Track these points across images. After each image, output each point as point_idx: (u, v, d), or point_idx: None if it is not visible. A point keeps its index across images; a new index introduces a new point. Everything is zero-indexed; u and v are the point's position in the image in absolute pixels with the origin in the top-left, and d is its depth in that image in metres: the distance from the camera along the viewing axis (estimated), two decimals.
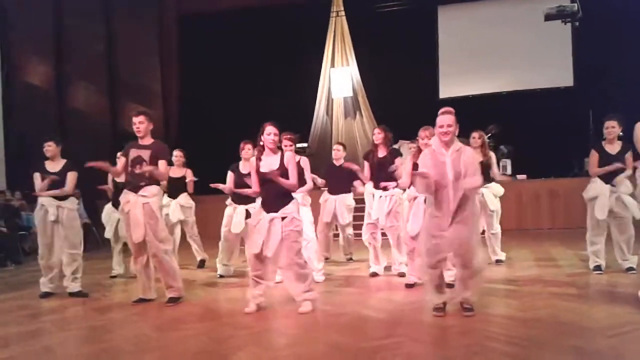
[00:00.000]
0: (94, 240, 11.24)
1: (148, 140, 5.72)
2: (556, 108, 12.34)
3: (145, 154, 5.61)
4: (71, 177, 6.44)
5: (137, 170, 5.54)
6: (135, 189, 5.59)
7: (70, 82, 15.10)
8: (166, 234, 5.74)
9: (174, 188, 7.70)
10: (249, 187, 6.49)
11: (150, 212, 5.56)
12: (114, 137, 14.49)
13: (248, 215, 6.75)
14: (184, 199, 7.93)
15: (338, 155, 7.46)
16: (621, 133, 6.22)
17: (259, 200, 6.77)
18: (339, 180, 7.24)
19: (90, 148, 12.55)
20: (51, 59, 14.94)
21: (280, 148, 5.24)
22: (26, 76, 14.98)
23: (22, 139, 14.12)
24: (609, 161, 6.14)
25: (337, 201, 7.27)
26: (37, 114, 14.25)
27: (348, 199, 7.39)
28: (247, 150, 6.83)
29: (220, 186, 6.68)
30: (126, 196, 5.64)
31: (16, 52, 14.85)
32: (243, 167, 6.80)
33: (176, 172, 7.71)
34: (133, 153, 5.65)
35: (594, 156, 6.27)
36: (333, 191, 7.32)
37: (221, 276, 7.16)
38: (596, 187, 6.24)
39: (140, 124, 5.67)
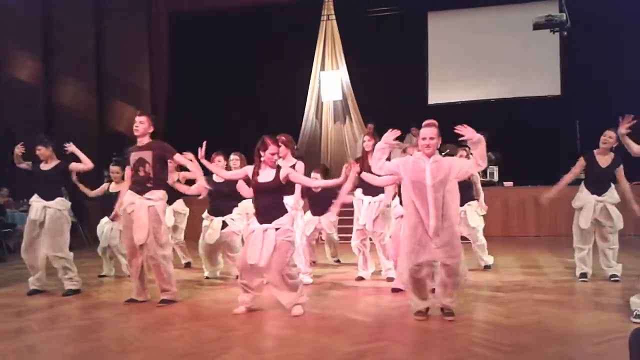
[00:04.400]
0: (80, 239, 11.16)
1: (146, 141, 5.70)
2: (543, 116, 12.44)
3: (147, 155, 5.61)
4: (73, 164, 6.49)
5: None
6: (141, 192, 5.57)
7: (58, 78, 14.99)
8: (167, 239, 5.75)
9: (169, 194, 7.53)
10: (224, 196, 6.53)
11: (155, 215, 5.55)
12: (101, 134, 14.45)
13: (224, 226, 6.78)
14: (179, 205, 7.92)
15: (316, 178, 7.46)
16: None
17: (236, 211, 6.81)
18: (321, 203, 7.14)
19: (78, 145, 12.44)
20: (39, 55, 14.81)
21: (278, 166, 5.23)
22: (14, 71, 14.84)
23: (9, 135, 13.98)
24: (598, 173, 6.22)
25: (321, 219, 7.21)
26: (24, 109, 14.14)
27: (331, 216, 7.38)
28: (217, 162, 6.76)
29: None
30: (131, 197, 5.60)
31: (3, 46, 14.72)
32: (216, 177, 6.78)
33: (170, 177, 7.55)
34: (134, 156, 5.64)
35: (579, 164, 6.36)
36: (315, 213, 7.23)
37: (207, 278, 7.15)
38: (583, 197, 6.33)
39: (140, 123, 5.66)
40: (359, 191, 6.61)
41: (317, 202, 7.19)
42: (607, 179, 6.29)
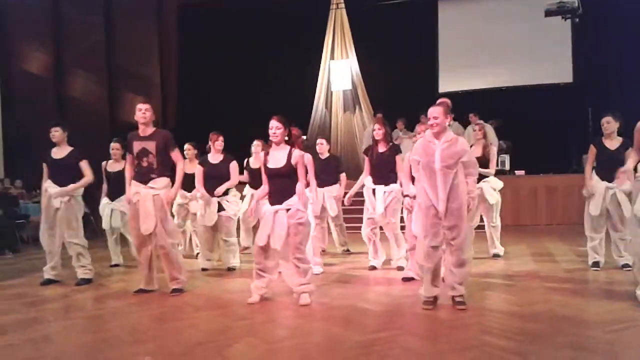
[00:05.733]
0: (92, 229, 11.23)
1: (150, 131, 5.68)
2: (555, 104, 12.36)
3: (150, 145, 5.60)
4: (85, 165, 6.44)
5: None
6: (145, 181, 5.58)
7: (68, 70, 15.10)
8: (174, 227, 5.79)
9: (192, 183, 7.49)
10: (220, 177, 6.65)
11: (160, 204, 5.58)
12: (112, 125, 14.53)
13: (220, 208, 6.83)
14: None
15: (322, 149, 7.66)
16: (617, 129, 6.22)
17: (231, 193, 6.88)
18: (325, 173, 7.34)
19: (88, 136, 12.58)
20: (50, 47, 14.92)
21: (288, 142, 5.20)
22: (25, 64, 14.95)
23: (21, 128, 14.12)
24: (607, 156, 6.15)
25: (325, 193, 7.39)
26: (36, 102, 14.26)
27: (335, 190, 7.57)
28: (220, 141, 6.92)
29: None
30: (135, 187, 5.61)
31: (14, 40, 14.81)
32: (212, 157, 6.90)
33: (190, 166, 7.39)
34: (137, 146, 5.62)
35: (591, 152, 6.31)
36: (319, 184, 7.38)
37: (204, 269, 7.08)
38: (593, 184, 6.27)
39: (147, 111, 5.63)
40: (368, 180, 6.60)
41: (321, 174, 7.30)
42: (617, 163, 6.18)
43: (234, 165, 6.86)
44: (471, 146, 7.19)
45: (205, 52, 14.46)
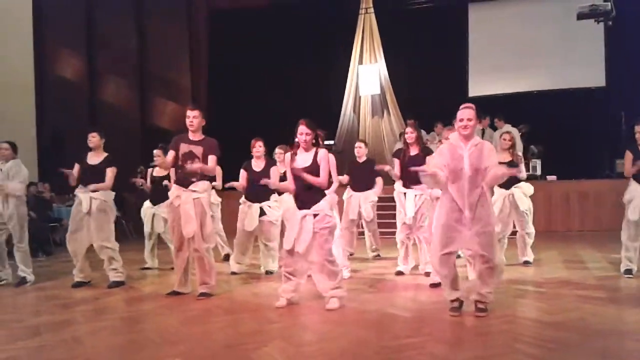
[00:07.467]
0: (123, 232, 11.40)
1: (199, 136, 5.75)
2: (588, 108, 12.15)
3: (198, 150, 5.66)
4: (110, 173, 6.55)
5: (188, 168, 5.54)
6: (186, 184, 5.64)
7: (101, 76, 15.40)
8: (212, 231, 5.82)
9: None
10: (263, 184, 6.63)
11: (201, 207, 5.63)
12: (143, 130, 14.75)
13: (262, 213, 6.84)
14: (212, 195, 8.02)
15: (360, 152, 7.66)
16: None
17: (273, 198, 6.89)
18: (362, 178, 7.39)
19: (120, 140, 12.78)
20: (83, 53, 15.24)
21: (315, 144, 5.21)
22: (58, 69, 15.28)
23: (54, 132, 14.41)
24: None
25: (361, 198, 7.42)
26: (69, 107, 14.57)
27: (371, 195, 7.58)
28: (257, 147, 6.92)
29: (235, 184, 6.88)
30: (177, 191, 5.67)
31: (49, 45, 15.15)
32: (255, 164, 6.93)
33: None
34: (184, 148, 5.66)
35: (628, 157, 6.17)
36: (356, 188, 7.50)
37: (234, 273, 7.14)
38: (631, 190, 6.15)
39: (194, 118, 5.71)
40: (399, 184, 6.58)
41: (359, 178, 7.32)
42: None
43: (274, 170, 6.87)
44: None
45: (234, 57, 14.57)
